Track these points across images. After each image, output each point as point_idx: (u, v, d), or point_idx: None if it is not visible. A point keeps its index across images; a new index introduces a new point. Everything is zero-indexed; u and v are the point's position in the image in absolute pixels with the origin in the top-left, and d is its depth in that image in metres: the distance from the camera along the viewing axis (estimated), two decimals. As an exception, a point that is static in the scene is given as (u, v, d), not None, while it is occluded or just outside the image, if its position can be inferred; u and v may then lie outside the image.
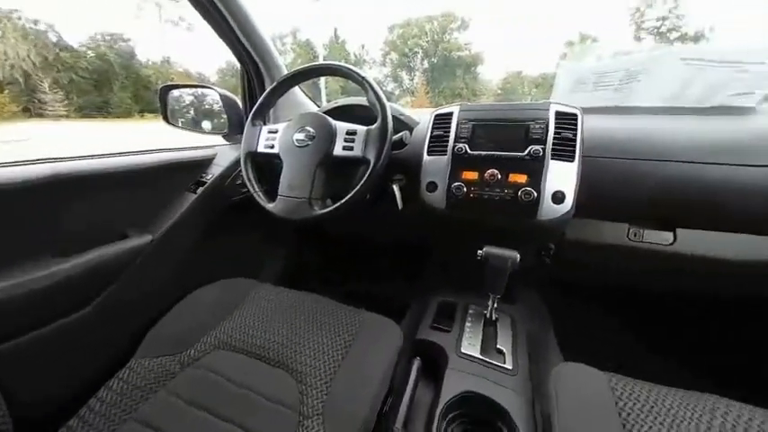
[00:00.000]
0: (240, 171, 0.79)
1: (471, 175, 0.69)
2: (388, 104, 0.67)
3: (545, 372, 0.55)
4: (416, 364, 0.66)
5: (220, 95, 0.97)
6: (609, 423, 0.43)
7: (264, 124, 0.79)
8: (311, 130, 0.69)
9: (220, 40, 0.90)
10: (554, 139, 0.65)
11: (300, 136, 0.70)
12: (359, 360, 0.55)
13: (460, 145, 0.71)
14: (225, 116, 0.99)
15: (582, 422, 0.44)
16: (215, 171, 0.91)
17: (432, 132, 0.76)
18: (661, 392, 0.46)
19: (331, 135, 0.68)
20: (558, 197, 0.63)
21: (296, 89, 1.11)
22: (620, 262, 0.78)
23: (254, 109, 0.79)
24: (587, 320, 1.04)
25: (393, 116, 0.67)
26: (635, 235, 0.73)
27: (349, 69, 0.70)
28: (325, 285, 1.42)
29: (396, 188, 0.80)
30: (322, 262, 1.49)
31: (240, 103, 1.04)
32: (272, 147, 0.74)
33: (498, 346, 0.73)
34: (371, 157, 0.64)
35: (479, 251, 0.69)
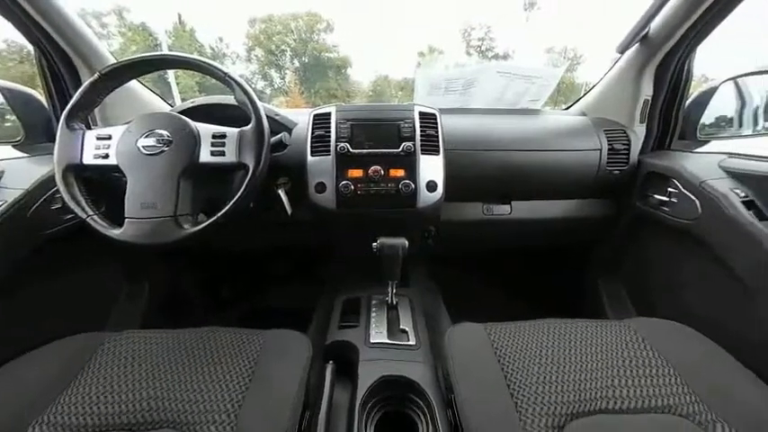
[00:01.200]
0: (57, 192, 0.58)
1: (357, 173, 0.73)
2: (260, 103, 0.62)
3: (440, 337, 0.64)
4: (330, 368, 0.65)
5: (0, 89, 0.69)
6: (489, 363, 0.53)
7: (89, 128, 0.61)
8: (165, 133, 0.57)
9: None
10: (421, 136, 0.75)
11: (149, 141, 0.57)
12: (266, 385, 0.50)
13: (343, 144, 0.73)
14: (13, 118, 0.72)
15: (471, 370, 0.53)
16: (4, 196, 0.65)
17: (313, 132, 0.76)
18: (521, 327, 0.60)
19: (193, 139, 0.58)
20: (431, 186, 0.74)
21: (134, 85, 0.90)
22: (479, 233, 0.99)
23: (68, 108, 0.59)
24: (464, 285, 1.26)
25: (268, 117, 0.63)
26: (487, 210, 0.93)
27: (207, 64, 0.61)
28: (218, 313, 1.23)
29: (282, 193, 0.76)
30: (207, 287, 1.27)
31: (45, 102, 0.77)
32: (107, 156, 0.58)
33: (402, 327, 0.80)
34: (249, 161, 0.58)
35: (374, 243, 0.73)
